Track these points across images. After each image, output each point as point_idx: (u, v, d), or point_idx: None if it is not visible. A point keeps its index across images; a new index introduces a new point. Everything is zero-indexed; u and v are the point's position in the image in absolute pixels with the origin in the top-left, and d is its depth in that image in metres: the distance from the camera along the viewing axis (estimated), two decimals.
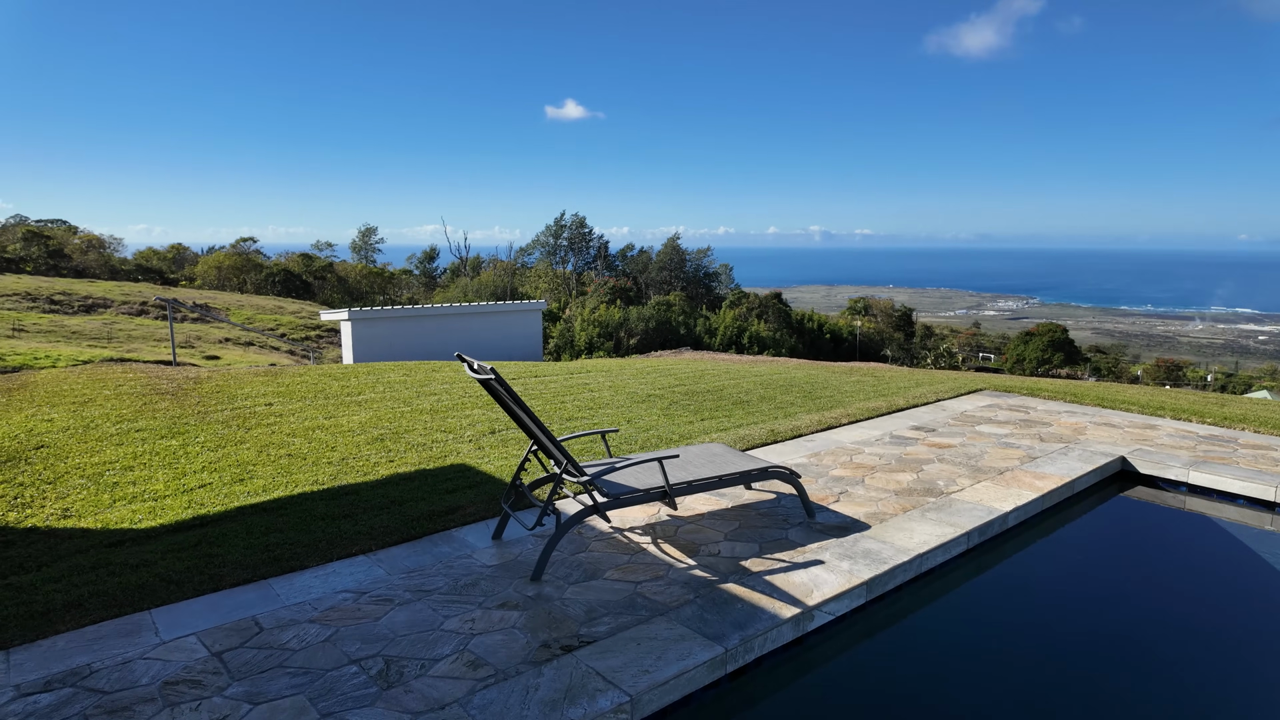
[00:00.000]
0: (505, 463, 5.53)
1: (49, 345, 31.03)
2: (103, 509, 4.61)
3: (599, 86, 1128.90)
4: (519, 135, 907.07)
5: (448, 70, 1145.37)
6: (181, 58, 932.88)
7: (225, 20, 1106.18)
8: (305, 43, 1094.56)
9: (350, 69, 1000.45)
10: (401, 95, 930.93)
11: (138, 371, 8.68)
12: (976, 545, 4.42)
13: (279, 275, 53.35)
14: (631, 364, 11.22)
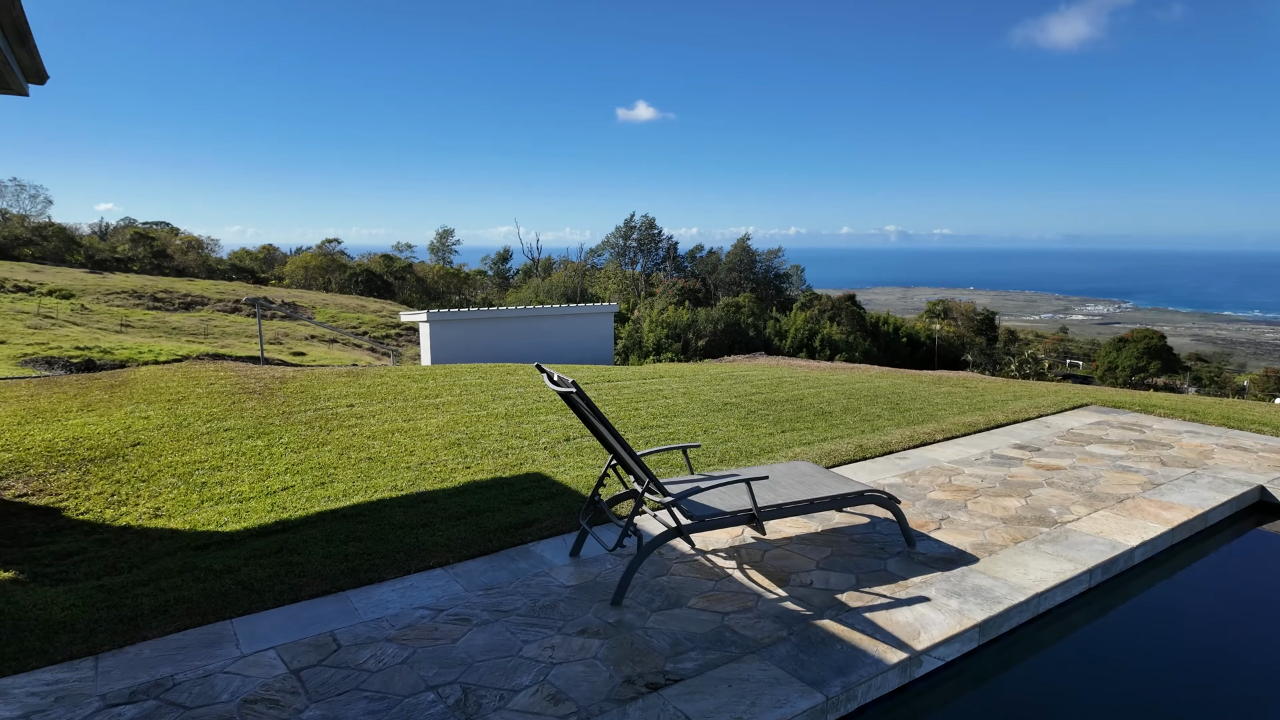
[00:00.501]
0: (580, 473, 5.39)
1: (152, 340, 33.04)
2: (191, 509, 4.69)
3: (670, 87, 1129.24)
4: (590, 137, 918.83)
5: (523, 74, 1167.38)
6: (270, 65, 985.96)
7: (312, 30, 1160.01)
8: (385, 51, 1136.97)
9: (428, 74, 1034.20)
10: (479, 99, 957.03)
11: (228, 370, 8.98)
12: (1099, 584, 3.99)
13: (361, 275, 55.36)
14: (705, 370, 10.97)
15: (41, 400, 7.24)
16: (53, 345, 29.08)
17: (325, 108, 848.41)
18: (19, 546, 4.08)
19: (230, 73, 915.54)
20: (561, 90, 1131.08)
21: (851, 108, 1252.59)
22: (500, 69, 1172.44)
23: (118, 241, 58.00)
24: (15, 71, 5.42)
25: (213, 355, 30.37)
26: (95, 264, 49.87)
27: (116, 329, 34.37)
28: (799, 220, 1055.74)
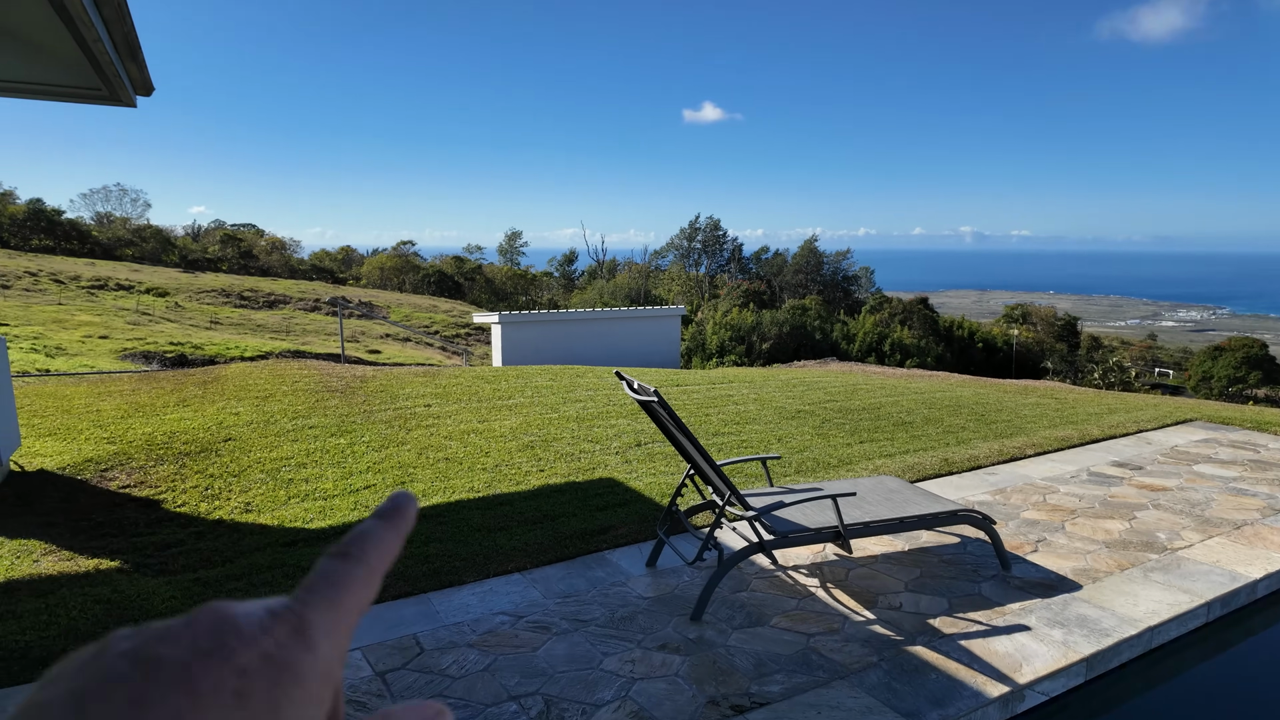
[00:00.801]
0: (654, 479, 5.33)
1: (238, 337, 34.76)
2: (279, 505, 4.85)
3: (738, 88, 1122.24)
4: (656, 139, 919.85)
5: (591, 78, 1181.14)
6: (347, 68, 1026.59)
7: (383, 34, 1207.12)
8: (454, 56, 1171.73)
9: (497, 78, 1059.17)
10: (548, 101, 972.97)
11: (311, 368, 9.31)
12: (1217, 618, 3.68)
13: (434, 276, 56.95)
14: (775, 375, 10.77)
15: (142, 395, 7.65)
16: (149, 341, 30.93)
17: (401, 112, 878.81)
18: (124, 536, 4.29)
19: (311, 77, 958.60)
20: (628, 93, 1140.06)
21: (923, 106, 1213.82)
22: (568, 72, 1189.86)
23: (209, 243, 61.34)
24: (125, 84, 5.73)
25: (294, 352, 31.76)
26: (188, 264, 52.91)
27: (206, 326, 36.32)
28: (869, 221, 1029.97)
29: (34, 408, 7.02)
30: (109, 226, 58.20)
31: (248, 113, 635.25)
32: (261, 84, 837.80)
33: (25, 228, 52.79)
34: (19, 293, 37.50)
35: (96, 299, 39.44)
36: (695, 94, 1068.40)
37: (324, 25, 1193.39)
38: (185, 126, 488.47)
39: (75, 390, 7.86)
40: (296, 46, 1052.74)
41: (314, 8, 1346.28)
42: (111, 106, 6.49)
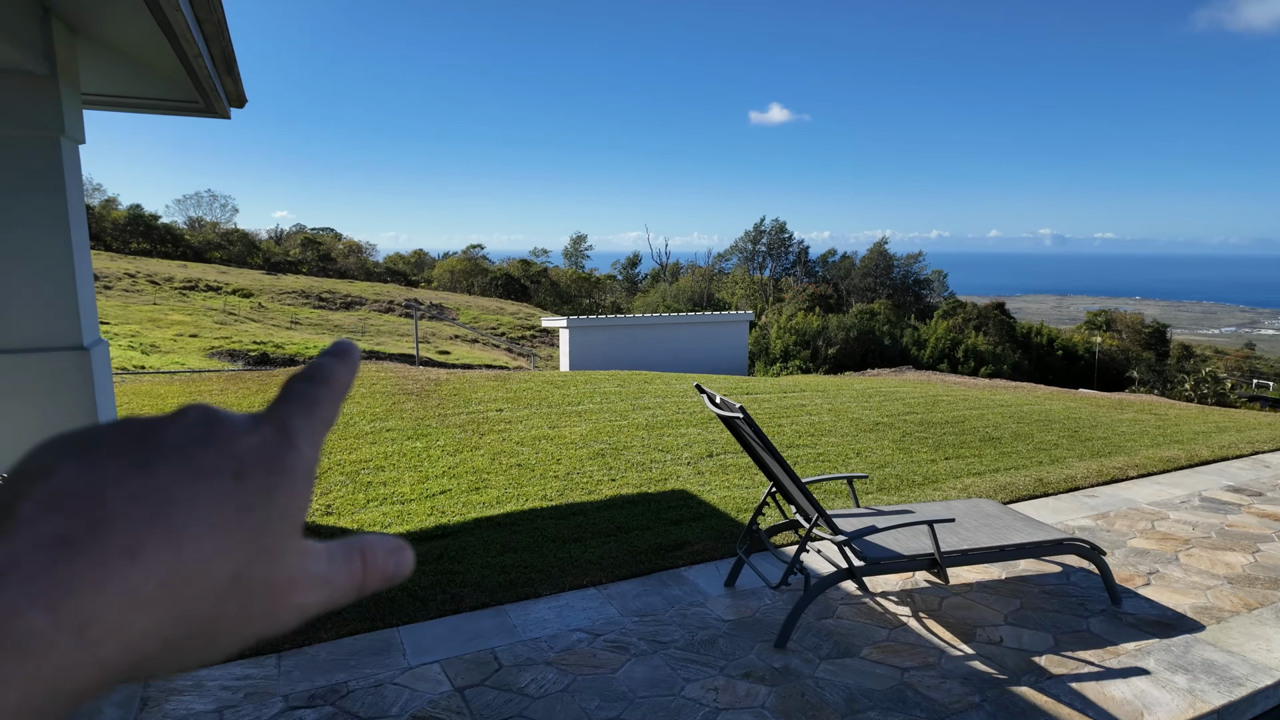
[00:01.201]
0: (728, 493, 5.19)
1: (316, 336, 36.20)
2: (358, 509, 4.92)
3: (805, 88, 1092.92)
4: (721, 141, 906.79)
5: (657, 81, 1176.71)
6: (416, 74, 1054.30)
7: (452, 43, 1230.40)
8: (522, 62, 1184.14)
9: (563, 78, 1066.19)
10: (613, 104, 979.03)
11: (388, 371, 9.54)
12: None
13: (501, 279, 58.08)
14: (849, 384, 10.44)
15: (230, 395, 7.96)
16: (235, 340, 32.55)
17: (471, 116, 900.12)
18: None
19: (386, 85, 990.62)
20: (694, 95, 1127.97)
21: (1000, 106, 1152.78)
22: (634, 75, 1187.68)
23: (290, 246, 64.18)
24: (221, 97, 5.96)
25: (369, 353, 32.87)
26: (271, 266, 55.47)
27: (287, 326, 38.00)
28: (941, 223, 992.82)
29: (131, 406, 7.39)
30: (200, 231, 61.61)
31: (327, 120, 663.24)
32: (339, 92, 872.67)
33: (125, 232, 56.34)
34: (119, 293, 40.00)
35: (188, 299, 41.77)
36: (762, 95, 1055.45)
37: (397, 36, 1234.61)
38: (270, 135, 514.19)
39: (168, 389, 8.25)
40: (371, 55, 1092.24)
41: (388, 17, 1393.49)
42: (207, 118, 6.78)
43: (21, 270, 5.00)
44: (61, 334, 5.16)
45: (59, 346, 5.16)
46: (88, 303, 5.51)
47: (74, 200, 5.38)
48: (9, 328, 4.99)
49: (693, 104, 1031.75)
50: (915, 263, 73.74)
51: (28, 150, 4.92)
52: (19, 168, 4.92)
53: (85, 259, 5.54)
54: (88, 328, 5.46)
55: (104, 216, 56.85)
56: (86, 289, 5.49)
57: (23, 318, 5.04)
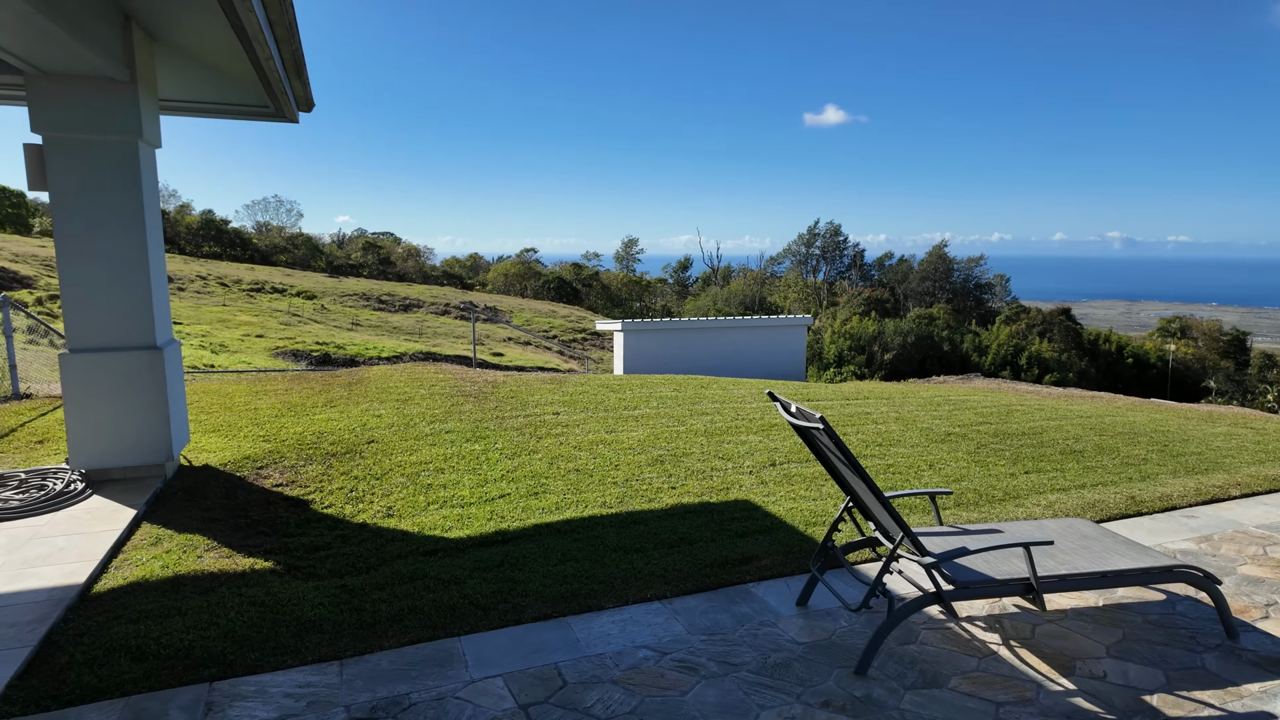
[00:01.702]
0: (794, 505, 4.97)
1: (376, 338, 37.08)
2: (419, 511, 4.89)
3: (863, 89, 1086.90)
4: (775, 143, 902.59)
5: (709, 79, 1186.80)
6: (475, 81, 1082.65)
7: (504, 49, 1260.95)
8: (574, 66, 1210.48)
9: (612, 85, 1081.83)
10: (666, 107, 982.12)
11: (446, 372, 9.59)
12: None
13: (553, 282, 58.58)
14: (915, 392, 10.06)
15: (294, 395, 8.10)
16: (298, 340, 33.56)
17: (523, 123, 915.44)
18: (277, 536, 4.44)
19: (443, 95, 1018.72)
20: (747, 97, 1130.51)
21: (1066, 103, 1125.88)
22: (685, 76, 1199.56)
23: (352, 250, 65.98)
24: (290, 100, 6.05)
25: (425, 354, 33.50)
26: (334, 269, 57.13)
27: (348, 327, 39.03)
28: (1003, 225, 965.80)
29: (201, 404, 7.58)
30: (266, 235, 63.89)
31: (389, 128, 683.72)
32: (400, 102, 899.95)
33: (198, 236, 58.78)
34: (191, 295, 41.73)
35: (255, 301, 43.31)
36: (817, 96, 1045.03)
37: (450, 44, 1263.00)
38: (335, 142, 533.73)
39: (236, 388, 8.44)
40: (428, 66, 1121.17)
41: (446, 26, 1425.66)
42: (276, 123, 6.89)
43: (100, 272, 5.14)
44: (136, 334, 5.30)
45: (134, 346, 5.29)
46: (162, 303, 5.65)
47: (150, 204, 5.52)
48: (86, 327, 5.15)
49: (746, 106, 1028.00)
50: (976, 266, 71.55)
51: (107, 154, 5.05)
52: (99, 171, 5.06)
53: (160, 261, 5.67)
54: (161, 328, 5.59)
55: (178, 221, 59.44)
56: (161, 290, 5.63)
57: (100, 318, 5.18)
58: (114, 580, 3.73)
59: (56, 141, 4.82)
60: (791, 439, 6.73)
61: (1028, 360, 35.59)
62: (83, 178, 4.89)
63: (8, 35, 4.09)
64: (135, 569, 3.86)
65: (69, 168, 4.86)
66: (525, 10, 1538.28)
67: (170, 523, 4.53)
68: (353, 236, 71.66)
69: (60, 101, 4.76)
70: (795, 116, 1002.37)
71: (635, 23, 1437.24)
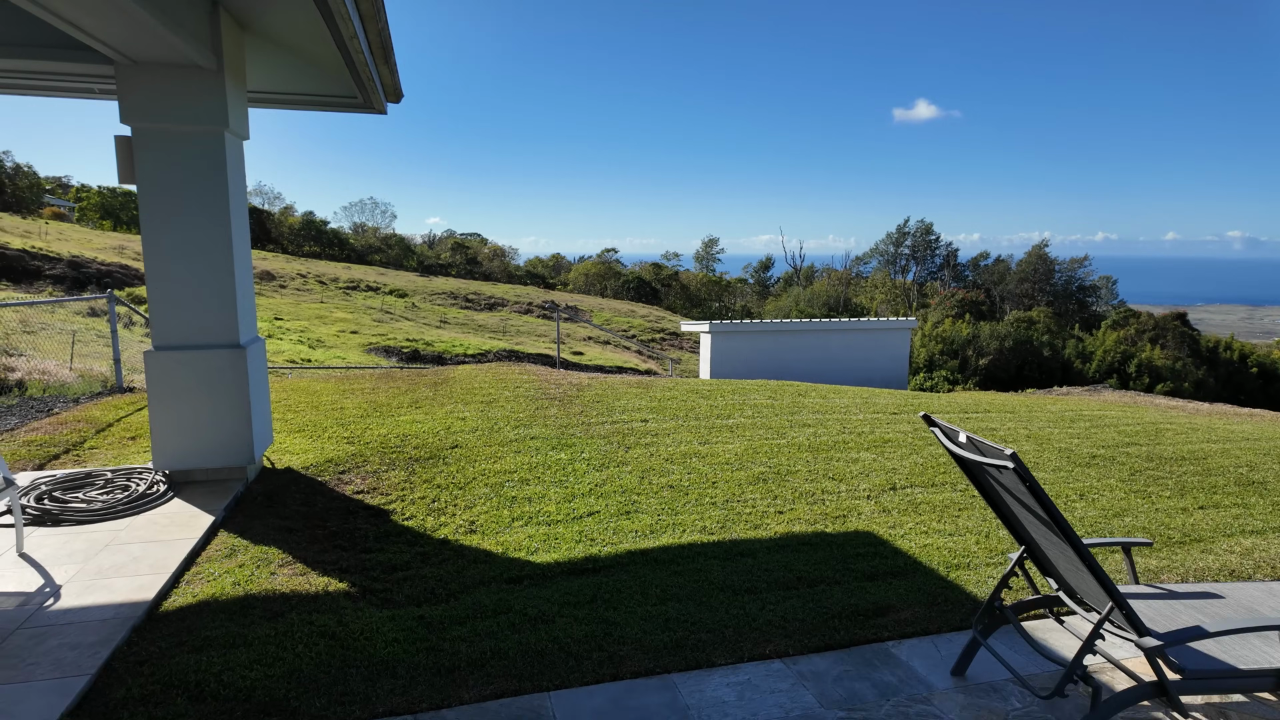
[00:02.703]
0: (927, 540, 4.30)
1: (462, 335, 37.80)
2: (503, 527, 4.49)
3: (956, 84, 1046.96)
4: (862, 141, 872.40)
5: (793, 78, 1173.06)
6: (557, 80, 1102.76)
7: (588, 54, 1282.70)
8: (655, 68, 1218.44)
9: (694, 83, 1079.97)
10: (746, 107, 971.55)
11: (530, 374, 9.29)
12: None
13: (633, 282, 58.52)
14: (1041, 405, 9.05)
15: (380, 394, 7.93)
16: (389, 337, 34.56)
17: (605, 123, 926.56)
18: (354, 551, 4.12)
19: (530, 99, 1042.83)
20: (833, 94, 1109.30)
21: (1179, 92, 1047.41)
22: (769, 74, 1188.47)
23: (441, 250, 67.91)
24: (378, 88, 5.79)
25: (509, 351, 33.87)
26: (424, 269, 58.91)
27: (436, 325, 40.00)
28: (1108, 224, 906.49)
29: (289, 402, 7.49)
30: (362, 235, 66.53)
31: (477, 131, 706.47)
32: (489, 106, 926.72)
33: (300, 236, 61.75)
34: (292, 292, 43.73)
35: (350, 298, 45.04)
36: (908, 91, 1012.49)
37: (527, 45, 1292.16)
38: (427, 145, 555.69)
39: (324, 386, 8.36)
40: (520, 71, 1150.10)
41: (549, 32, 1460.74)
42: (365, 114, 6.68)
43: (183, 267, 4.95)
44: (219, 332, 5.12)
45: (216, 344, 5.11)
46: (246, 300, 5.48)
47: (236, 197, 5.34)
48: (170, 325, 5.01)
49: (832, 103, 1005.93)
50: (1079, 267, 67.29)
51: (193, 146, 4.87)
52: (185, 163, 4.87)
53: (245, 257, 5.50)
54: (245, 325, 5.41)
55: (281, 222, 62.65)
56: (245, 287, 5.46)
57: (183, 315, 5.01)
58: (184, 597, 3.47)
59: (144, 133, 4.68)
60: (911, 459, 6.01)
61: (1137, 368, 32.92)
62: (169, 170, 4.74)
63: (98, 21, 3.92)
64: (206, 585, 3.60)
65: (155, 160, 4.71)
66: (600, 16, 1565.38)
67: (247, 531, 4.29)
68: (442, 237, 73.80)
69: (148, 91, 4.60)
70: (884, 113, 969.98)
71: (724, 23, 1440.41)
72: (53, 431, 6.28)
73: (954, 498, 5.07)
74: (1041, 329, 38.52)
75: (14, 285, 26.74)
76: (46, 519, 4.27)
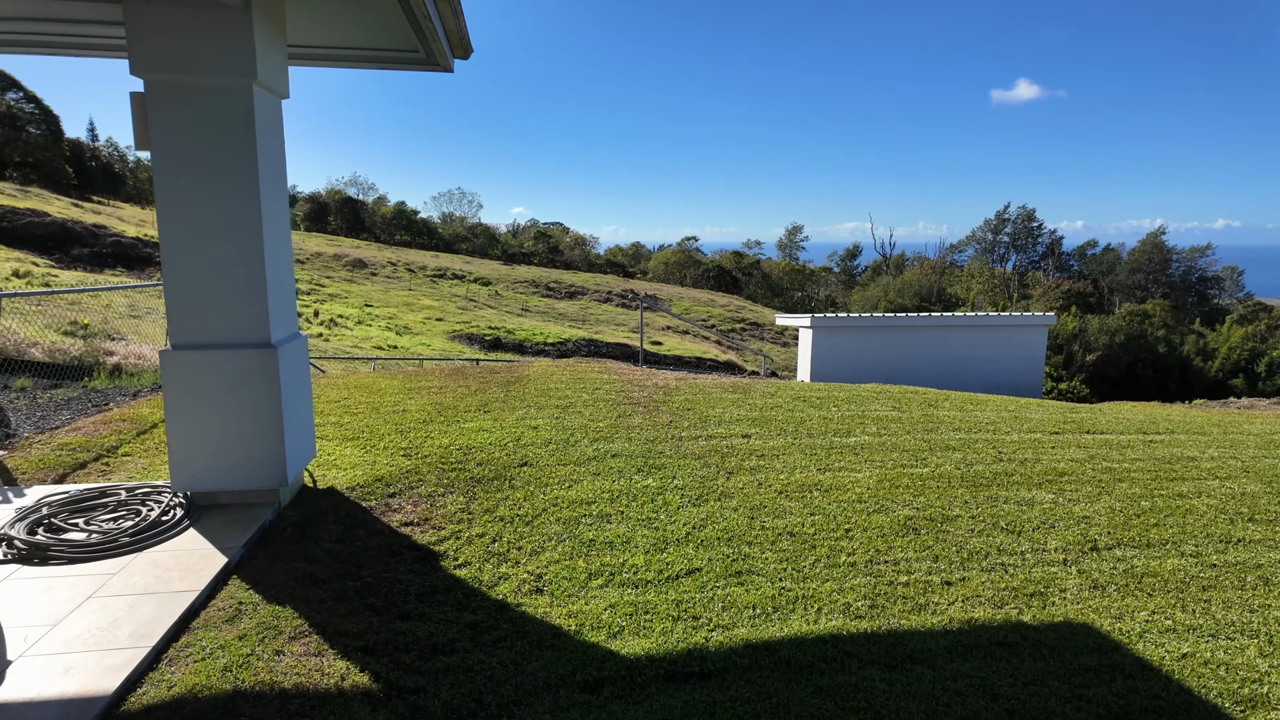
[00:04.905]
0: (1181, 646, 2.99)
1: (542, 324, 37.45)
2: (577, 587, 3.47)
3: (1060, 62, 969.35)
4: (957, 124, 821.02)
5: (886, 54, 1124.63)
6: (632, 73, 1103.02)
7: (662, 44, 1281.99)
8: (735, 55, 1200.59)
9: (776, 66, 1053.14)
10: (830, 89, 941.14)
11: (611, 373, 8.29)
12: None
13: (713, 271, 57.05)
14: (1234, 422, 7.33)
15: (447, 394, 7.10)
16: (473, 324, 34.55)
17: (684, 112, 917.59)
18: (388, 616, 3.19)
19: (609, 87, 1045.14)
20: (928, 73, 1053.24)
21: None
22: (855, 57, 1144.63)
23: (524, 239, 68.32)
24: (441, 38, 4.81)
25: (588, 340, 33.21)
26: (508, 257, 59.25)
27: (518, 313, 39.88)
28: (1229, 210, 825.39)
29: (348, 403, 6.74)
30: (450, 224, 67.67)
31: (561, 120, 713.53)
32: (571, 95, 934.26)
33: (391, 225, 63.26)
34: (382, 279, 44.59)
35: (437, 286, 45.60)
36: (1008, 71, 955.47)
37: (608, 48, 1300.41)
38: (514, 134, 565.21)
39: (389, 384, 7.61)
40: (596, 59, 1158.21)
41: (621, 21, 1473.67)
42: (430, 71, 5.76)
43: (202, 249, 3.94)
44: (246, 328, 4.25)
45: (242, 343, 4.24)
46: (281, 291, 4.61)
47: (269, 167, 4.43)
48: (188, 319, 4.18)
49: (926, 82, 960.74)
50: (1200, 257, 61.50)
51: (215, 101, 3.94)
52: (205, 123, 3.91)
53: (281, 238, 4.59)
54: (279, 320, 4.55)
55: (375, 211, 64.34)
56: (280, 275, 4.59)
57: (203, 307, 4.09)
58: (155, 691, 2.60)
59: (157, 86, 3.86)
60: (1103, 501, 4.63)
61: (1267, 367, 29.26)
62: (186, 131, 3.91)
63: None
64: (189, 670, 2.72)
65: (171, 119, 3.89)
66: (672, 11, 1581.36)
67: (263, 580, 3.43)
68: (525, 226, 74.26)
69: (161, 35, 3.78)
70: (982, 94, 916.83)
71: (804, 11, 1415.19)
72: (93, 432, 5.70)
73: (1188, 567, 3.71)
74: (1157, 323, 35.01)
75: (128, 271, 27.97)
76: (34, 555, 3.53)
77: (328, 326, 31.63)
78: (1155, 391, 25.82)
